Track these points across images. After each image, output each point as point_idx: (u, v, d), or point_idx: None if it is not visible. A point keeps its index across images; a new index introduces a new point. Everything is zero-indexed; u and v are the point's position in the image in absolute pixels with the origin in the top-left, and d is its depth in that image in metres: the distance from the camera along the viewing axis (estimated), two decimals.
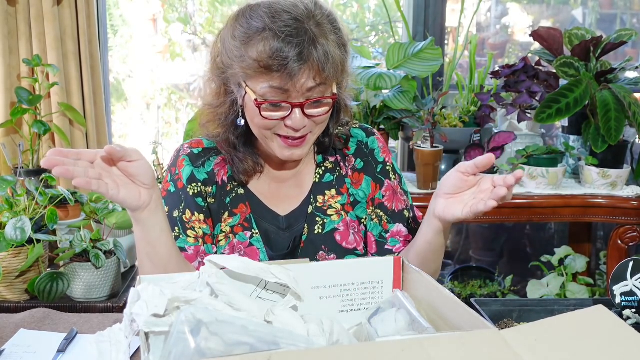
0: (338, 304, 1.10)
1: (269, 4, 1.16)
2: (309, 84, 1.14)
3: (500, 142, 2.23)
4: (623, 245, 2.30)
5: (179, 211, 1.27)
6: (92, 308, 1.79)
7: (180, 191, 1.28)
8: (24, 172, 2.18)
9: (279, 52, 1.10)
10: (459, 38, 2.94)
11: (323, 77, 1.14)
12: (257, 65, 1.12)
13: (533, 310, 1.46)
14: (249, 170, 1.29)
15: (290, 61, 1.10)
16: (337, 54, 1.16)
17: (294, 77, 1.11)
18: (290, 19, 1.12)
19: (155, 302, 0.90)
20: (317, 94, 1.16)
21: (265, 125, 1.19)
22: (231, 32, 1.18)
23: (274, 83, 1.13)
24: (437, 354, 0.76)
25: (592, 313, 0.87)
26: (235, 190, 1.31)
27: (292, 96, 1.15)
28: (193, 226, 1.26)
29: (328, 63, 1.13)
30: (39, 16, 2.29)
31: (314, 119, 1.19)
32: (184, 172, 1.30)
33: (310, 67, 1.12)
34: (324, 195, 1.33)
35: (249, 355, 0.74)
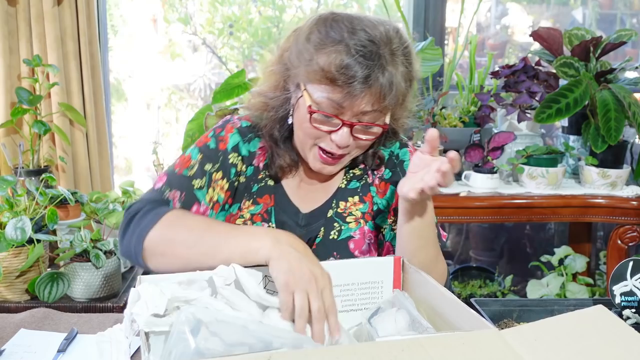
0: (338, 304, 1.10)
1: (351, 18, 1.15)
2: (366, 108, 1.14)
3: (500, 142, 2.23)
4: (623, 245, 2.30)
5: (212, 166, 1.25)
6: (92, 308, 1.79)
7: (220, 152, 1.27)
8: (24, 172, 2.18)
9: (348, 69, 1.10)
10: (459, 38, 2.94)
11: (381, 106, 1.14)
12: (323, 74, 1.12)
13: (533, 310, 1.46)
14: (285, 167, 1.29)
15: (356, 81, 1.10)
16: (402, 86, 1.15)
17: (354, 98, 1.11)
18: (368, 39, 1.12)
19: (155, 302, 0.90)
20: (370, 119, 1.16)
21: (311, 133, 1.19)
22: (306, 35, 1.17)
23: (333, 96, 1.13)
24: (437, 354, 0.76)
25: (592, 313, 0.87)
26: (265, 180, 1.31)
27: (346, 114, 1.15)
28: (215, 187, 1.25)
29: (391, 93, 1.13)
30: (39, 16, 2.29)
31: (359, 142, 1.20)
32: (231, 138, 1.29)
33: (373, 92, 1.12)
34: (347, 201, 1.33)
35: (249, 355, 0.74)
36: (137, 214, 1.14)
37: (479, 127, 2.37)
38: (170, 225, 1.10)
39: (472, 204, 2.24)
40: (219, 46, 3.25)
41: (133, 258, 1.13)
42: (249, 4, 3.23)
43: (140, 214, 1.13)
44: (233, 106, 2.32)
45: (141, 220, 1.12)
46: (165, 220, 1.11)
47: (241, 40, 3.25)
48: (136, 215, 1.14)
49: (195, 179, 1.23)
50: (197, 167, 1.24)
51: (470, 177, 2.32)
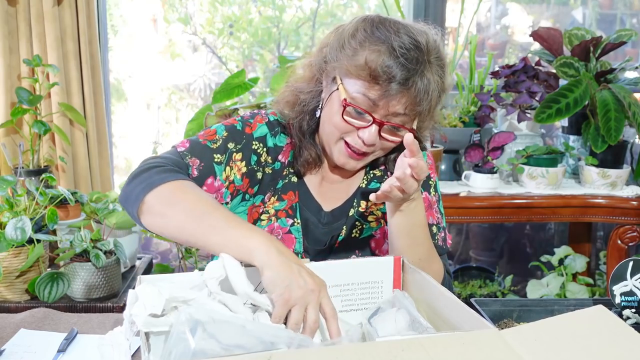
0: (338, 304, 1.10)
1: (397, 22, 1.19)
2: (399, 110, 1.16)
3: (500, 142, 2.23)
4: (623, 245, 2.30)
5: (234, 145, 1.26)
6: (92, 308, 1.79)
7: (245, 134, 1.28)
8: (24, 172, 2.18)
9: (390, 69, 1.13)
10: (459, 38, 2.94)
11: (414, 111, 1.17)
12: (364, 70, 1.14)
13: (533, 310, 1.46)
14: (310, 162, 1.30)
15: (395, 82, 1.13)
16: (436, 94, 1.19)
17: (389, 98, 1.14)
18: (412, 43, 1.14)
19: (152, 302, 0.90)
20: (400, 121, 1.19)
21: (341, 127, 1.20)
22: (351, 32, 1.19)
23: (369, 93, 1.15)
24: (437, 354, 0.76)
25: (592, 313, 0.87)
26: (289, 176, 1.32)
27: (378, 113, 1.17)
28: (233, 167, 1.25)
29: (426, 99, 1.16)
30: (39, 16, 2.29)
31: (384, 142, 1.21)
32: (260, 128, 1.30)
33: (409, 95, 1.15)
34: (368, 201, 1.34)
35: (249, 355, 0.74)
36: (154, 167, 1.13)
37: (479, 127, 2.37)
38: (182, 189, 1.09)
39: (472, 204, 2.24)
40: (219, 46, 3.25)
41: (130, 206, 1.12)
42: (249, 4, 3.23)
43: (158, 169, 1.12)
44: (233, 106, 2.32)
45: (156, 174, 1.11)
46: (178, 183, 1.10)
47: (241, 40, 3.25)
48: (153, 168, 1.13)
49: (217, 153, 1.24)
50: (220, 142, 1.25)
51: (470, 177, 2.32)
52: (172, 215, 1.07)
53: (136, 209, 1.10)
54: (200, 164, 1.21)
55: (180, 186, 1.10)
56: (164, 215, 1.08)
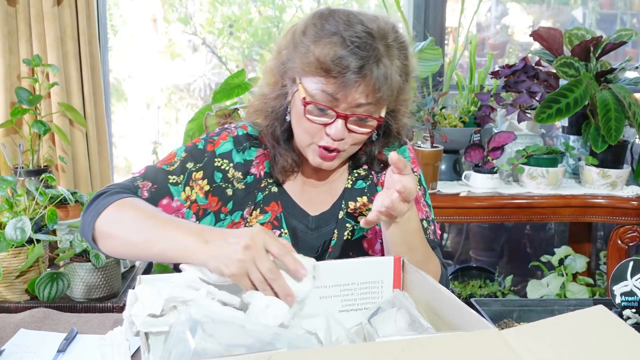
0: (338, 304, 1.10)
1: (348, 12, 1.16)
2: (360, 100, 1.14)
3: (500, 142, 2.23)
4: (623, 245, 2.30)
5: (193, 165, 1.26)
6: (92, 308, 1.79)
7: (206, 153, 1.28)
8: (24, 172, 2.18)
9: (342, 59, 1.10)
10: (459, 38, 2.94)
11: (375, 98, 1.14)
12: (317, 65, 1.13)
13: (533, 310, 1.46)
14: (287, 168, 1.29)
15: (349, 72, 1.10)
16: (397, 79, 1.16)
17: (347, 88, 1.12)
18: (364, 31, 1.12)
19: (151, 302, 0.90)
20: (365, 112, 1.16)
21: (307, 128, 1.19)
22: (303, 28, 1.18)
23: (327, 88, 1.13)
24: (437, 354, 0.76)
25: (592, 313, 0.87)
26: (269, 187, 1.31)
27: (340, 106, 1.15)
28: (194, 186, 1.25)
29: (385, 85, 1.13)
30: (39, 16, 2.29)
31: (354, 135, 1.19)
32: (223, 145, 1.30)
33: (367, 84, 1.12)
34: (356, 201, 1.33)
35: (249, 355, 0.74)
36: (101, 195, 1.16)
37: (479, 127, 2.37)
38: (121, 207, 1.11)
39: (472, 204, 2.24)
40: (219, 46, 3.25)
41: (87, 237, 1.15)
42: (249, 4, 3.23)
43: (104, 195, 1.15)
44: (233, 106, 2.32)
45: (102, 200, 1.14)
46: (120, 202, 1.12)
47: (241, 40, 3.25)
48: (100, 195, 1.16)
49: (173, 174, 1.24)
50: (178, 164, 1.25)
51: (470, 177, 2.32)
52: (117, 234, 1.09)
53: (91, 237, 1.13)
54: (153, 186, 1.22)
55: (121, 204, 1.12)
56: (112, 235, 1.11)
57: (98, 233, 1.12)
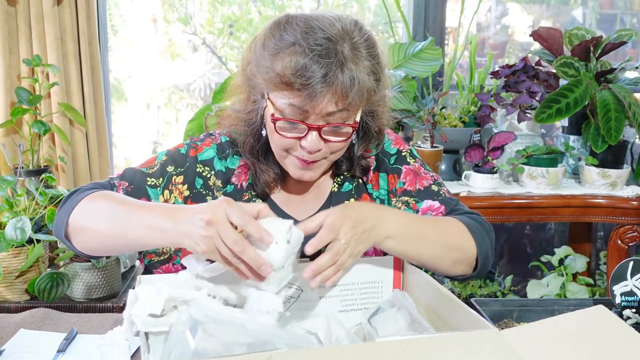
0: (338, 304, 1.10)
1: (306, 18, 1.11)
2: (330, 109, 1.09)
3: (500, 142, 2.23)
4: (623, 245, 2.30)
5: (174, 168, 1.23)
6: (92, 308, 1.80)
7: (188, 158, 1.25)
8: (24, 172, 2.18)
9: (304, 70, 1.05)
10: (459, 38, 2.94)
11: (345, 103, 1.09)
12: (279, 80, 1.08)
13: (533, 310, 1.46)
14: (270, 182, 1.25)
15: (313, 81, 1.05)
16: (366, 80, 1.10)
17: (314, 99, 1.07)
18: (324, 37, 1.07)
19: (152, 302, 0.90)
20: (338, 119, 1.11)
21: (281, 143, 1.15)
22: (262, 41, 1.13)
23: (293, 101, 1.08)
24: (437, 354, 0.76)
25: (592, 313, 0.87)
26: (252, 200, 1.27)
27: (311, 118, 1.10)
28: (173, 190, 1.22)
29: (353, 89, 1.08)
30: (39, 16, 2.29)
31: (331, 145, 1.14)
32: (205, 152, 1.27)
33: (334, 91, 1.07)
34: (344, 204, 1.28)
35: (249, 355, 0.74)
36: (74, 192, 1.14)
37: (479, 127, 2.37)
38: (91, 200, 1.09)
39: (472, 204, 2.23)
40: (219, 46, 3.25)
41: (59, 233, 1.13)
42: (249, 4, 3.23)
43: (77, 192, 1.14)
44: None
45: (75, 196, 1.12)
46: (89, 196, 1.10)
47: (241, 40, 3.25)
48: (73, 193, 1.14)
49: (152, 177, 1.22)
50: (157, 167, 1.23)
51: (470, 177, 2.32)
52: (89, 226, 1.07)
53: (64, 234, 1.11)
54: (130, 185, 1.20)
55: (92, 197, 1.10)
56: (84, 229, 1.08)
57: (71, 229, 1.10)
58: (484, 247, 1.20)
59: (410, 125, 2.30)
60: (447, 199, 1.28)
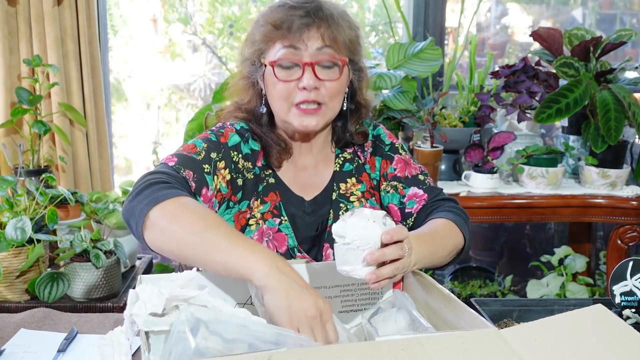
0: (338, 304, 1.10)
1: None
2: (318, 43, 1.26)
3: (500, 142, 2.23)
4: (623, 245, 2.30)
5: (216, 155, 1.29)
6: (92, 308, 1.80)
7: (222, 144, 1.32)
8: (24, 172, 2.18)
9: (289, 12, 1.26)
10: (459, 38, 2.94)
11: (331, 38, 1.26)
12: (271, 28, 1.27)
13: (533, 310, 1.47)
14: (282, 151, 1.37)
15: (297, 18, 1.25)
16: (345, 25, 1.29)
17: (303, 33, 1.25)
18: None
19: (153, 301, 0.90)
20: (327, 56, 1.27)
21: (282, 92, 1.28)
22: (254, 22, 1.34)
23: (285, 42, 1.26)
24: (437, 354, 0.76)
25: (592, 313, 0.87)
26: (267, 179, 1.37)
27: (304, 56, 1.26)
28: (218, 175, 1.27)
29: (334, 24, 1.26)
30: (39, 16, 2.29)
31: (325, 84, 1.28)
32: (232, 137, 1.35)
33: (318, 25, 1.25)
34: (346, 183, 1.41)
35: (249, 355, 0.74)
36: (157, 184, 1.12)
37: (479, 127, 2.37)
38: (185, 206, 1.08)
39: (472, 204, 2.24)
40: (219, 46, 3.25)
41: (133, 222, 1.10)
42: (249, 4, 3.23)
43: (161, 185, 1.11)
44: None
45: (159, 190, 1.10)
46: (182, 199, 1.09)
47: (241, 40, 3.24)
48: (156, 184, 1.12)
49: (204, 163, 1.25)
50: (204, 154, 1.27)
51: (470, 177, 2.32)
52: (174, 230, 1.05)
53: (141, 224, 1.08)
54: (194, 175, 1.22)
55: (183, 202, 1.09)
56: (166, 230, 1.05)
57: (150, 222, 1.07)
58: (467, 236, 1.35)
59: (410, 125, 2.31)
60: (430, 187, 1.41)
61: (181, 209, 1.07)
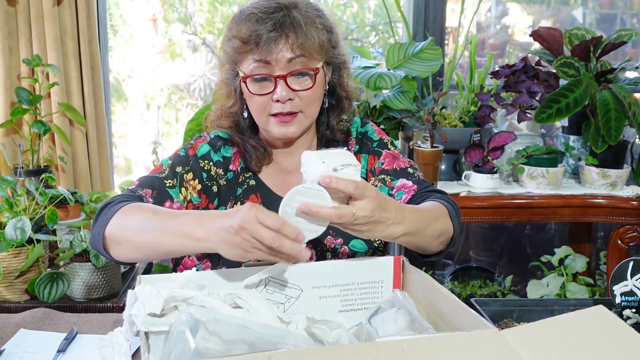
0: (338, 304, 1.10)
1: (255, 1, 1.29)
2: (288, 55, 1.23)
3: (500, 142, 2.23)
4: (623, 245, 2.30)
5: (182, 168, 1.32)
6: (92, 308, 1.80)
7: (190, 157, 1.34)
8: (24, 172, 2.18)
9: (255, 26, 1.23)
10: (459, 38, 2.94)
11: (300, 47, 1.23)
12: (239, 43, 1.25)
13: (533, 310, 1.46)
14: (260, 156, 1.37)
15: (264, 32, 1.22)
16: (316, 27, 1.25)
17: (269, 47, 1.22)
18: (274, 2, 1.26)
19: (151, 301, 0.90)
20: (299, 66, 1.25)
21: (258, 104, 1.28)
22: (225, 31, 1.32)
23: (255, 56, 1.24)
24: (437, 354, 0.76)
25: (592, 313, 0.87)
26: (247, 182, 1.38)
27: (275, 70, 1.24)
28: (187, 187, 1.31)
29: (301, 32, 1.23)
30: (39, 16, 2.29)
31: (299, 94, 1.27)
32: (201, 148, 1.36)
33: (286, 37, 1.23)
34: None
35: (249, 355, 0.74)
36: (107, 205, 1.19)
37: (479, 127, 2.37)
38: (125, 213, 1.14)
39: (472, 204, 2.24)
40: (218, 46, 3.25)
41: (98, 247, 1.17)
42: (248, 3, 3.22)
43: (110, 205, 1.18)
44: None
45: (108, 210, 1.17)
46: (123, 209, 1.14)
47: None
48: (106, 206, 1.18)
49: (167, 179, 1.29)
50: (168, 171, 1.31)
51: (470, 177, 2.32)
52: (125, 239, 1.12)
53: (102, 247, 1.15)
54: (153, 192, 1.26)
55: (126, 210, 1.14)
56: (121, 241, 1.13)
57: (108, 241, 1.15)
58: (457, 227, 1.28)
59: (410, 125, 2.30)
60: (420, 180, 1.37)
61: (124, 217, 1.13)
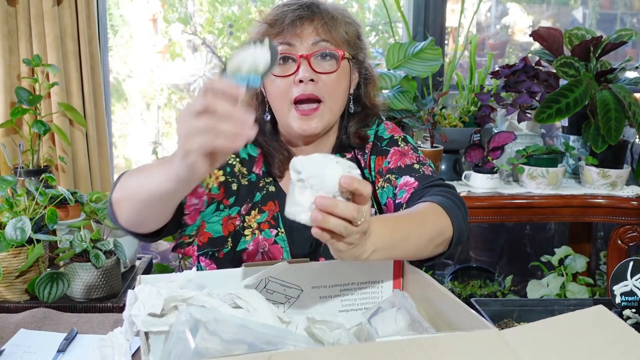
0: (338, 303, 1.10)
1: None
2: (312, 37, 1.24)
3: (500, 142, 2.23)
4: (623, 245, 2.30)
5: None
6: (92, 308, 1.80)
7: None
8: (24, 172, 2.18)
9: (282, 9, 1.26)
10: (459, 38, 2.94)
11: (326, 31, 1.24)
12: (266, 25, 1.27)
13: (533, 310, 1.47)
14: (283, 160, 1.33)
15: (290, 12, 1.24)
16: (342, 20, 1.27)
17: (295, 28, 1.23)
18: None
19: (151, 301, 0.90)
20: (323, 48, 1.25)
21: (280, 88, 1.26)
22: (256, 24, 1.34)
23: (279, 39, 1.25)
24: (437, 354, 0.76)
25: (592, 313, 0.87)
26: (266, 187, 1.34)
27: (299, 50, 1.24)
28: (211, 175, 1.26)
29: (328, 17, 1.25)
30: (39, 16, 2.29)
31: (322, 78, 1.25)
32: None
33: (311, 20, 1.24)
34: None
35: (249, 355, 0.74)
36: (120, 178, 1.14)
37: (479, 127, 2.37)
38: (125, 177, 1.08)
39: (472, 204, 2.24)
40: (219, 46, 3.25)
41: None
42: (249, 4, 3.23)
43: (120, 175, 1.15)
44: None
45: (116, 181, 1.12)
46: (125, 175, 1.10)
47: (241, 40, 3.25)
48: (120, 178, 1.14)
49: None
50: None
51: (470, 177, 2.32)
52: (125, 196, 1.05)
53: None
54: None
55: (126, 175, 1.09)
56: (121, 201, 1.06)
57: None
58: (458, 223, 1.14)
59: (410, 125, 2.30)
60: (424, 175, 1.28)
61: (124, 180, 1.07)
